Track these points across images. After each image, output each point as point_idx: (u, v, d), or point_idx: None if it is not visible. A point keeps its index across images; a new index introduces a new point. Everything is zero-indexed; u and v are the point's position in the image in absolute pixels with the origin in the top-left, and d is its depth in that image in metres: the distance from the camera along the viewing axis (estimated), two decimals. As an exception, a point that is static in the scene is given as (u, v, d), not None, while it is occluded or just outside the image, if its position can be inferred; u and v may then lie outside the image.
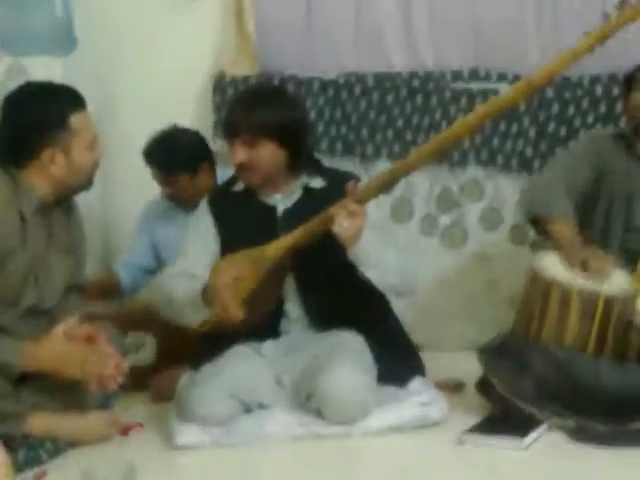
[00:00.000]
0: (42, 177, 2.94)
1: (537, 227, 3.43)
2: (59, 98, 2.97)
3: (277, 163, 3.17)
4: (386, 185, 3.08)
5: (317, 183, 3.25)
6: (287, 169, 3.21)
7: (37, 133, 2.91)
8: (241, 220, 3.23)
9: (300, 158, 3.21)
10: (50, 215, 3.02)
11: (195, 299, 3.04)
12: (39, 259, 2.98)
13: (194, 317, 3.08)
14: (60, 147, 2.93)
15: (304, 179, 3.25)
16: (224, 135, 3.24)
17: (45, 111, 2.92)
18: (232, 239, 3.20)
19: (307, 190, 3.25)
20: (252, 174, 3.17)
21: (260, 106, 3.13)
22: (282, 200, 3.25)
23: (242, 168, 3.18)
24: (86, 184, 3.06)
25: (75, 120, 2.95)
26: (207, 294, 3.00)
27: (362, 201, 2.98)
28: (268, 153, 3.14)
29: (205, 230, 3.26)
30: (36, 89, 3.03)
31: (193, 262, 3.19)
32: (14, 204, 2.91)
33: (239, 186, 3.28)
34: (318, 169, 3.30)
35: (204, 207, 3.32)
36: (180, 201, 3.84)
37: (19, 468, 2.72)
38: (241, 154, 3.14)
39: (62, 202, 3.06)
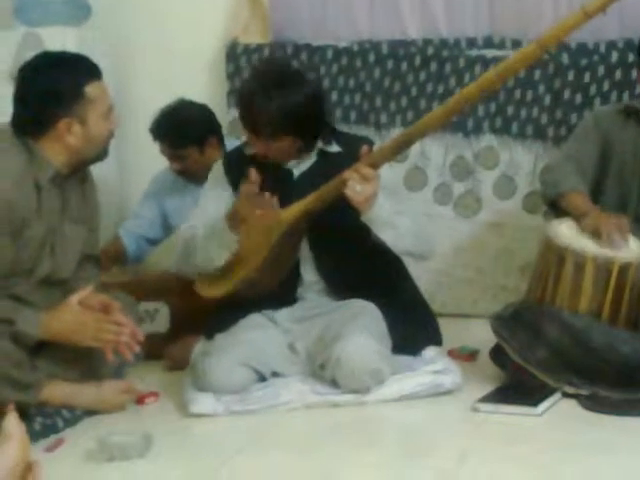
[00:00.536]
0: (58, 147, 2.95)
1: (558, 212, 3.39)
2: (74, 68, 2.97)
3: (294, 149, 3.18)
4: (399, 149, 3.08)
5: (332, 148, 3.26)
6: (304, 148, 3.21)
7: (53, 103, 2.91)
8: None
9: (316, 139, 3.21)
10: (65, 185, 3.03)
11: (217, 230, 3.06)
12: (54, 229, 2.99)
13: (218, 252, 3.09)
14: (76, 117, 2.93)
15: (319, 145, 3.25)
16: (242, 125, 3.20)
17: (61, 81, 2.92)
18: None
19: (322, 154, 3.25)
20: (270, 158, 3.18)
21: (278, 103, 3.06)
22: (297, 165, 3.25)
23: (261, 156, 3.18)
24: (102, 154, 3.06)
25: (90, 90, 2.95)
26: (231, 215, 3.03)
27: (375, 165, 2.98)
28: (287, 144, 3.14)
29: (222, 189, 3.26)
30: (51, 59, 3.03)
31: (211, 216, 3.18)
32: (30, 174, 2.91)
33: (253, 149, 3.28)
34: (333, 135, 3.29)
35: (219, 169, 3.31)
36: (189, 176, 3.84)
37: (36, 436, 2.75)
38: (260, 147, 3.15)
39: (77, 172, 3.07)
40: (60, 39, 4.08)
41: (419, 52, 4.20)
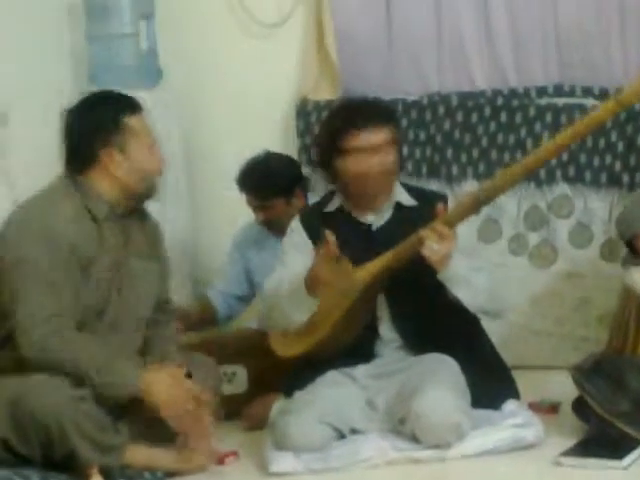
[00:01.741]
0: (107, 180, 3.02)
1: (634, 252, 3.35)
2: (113, 102, 3.08)
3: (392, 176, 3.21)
4: (476, 207, 3.07)
5: (407, 201, 3.27)
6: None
7: (92, 135, 3.01)
8: (338, 238, 3.14)
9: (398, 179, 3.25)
10: (126, 223, 3.09)
11: (298, 292, 3.05)
12: (120, 264, 3.05)
13: (299, 314, 3.09)
14: (116, 146, 3.02)
15: (395, 197, 3.26)
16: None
17: (99, 114, 3.04)
18: None
19: (398, 208, 3.26)
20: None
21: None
22: (375, 219, 3.26)
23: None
24: (151, 190, 3.11)
25: (129, 120, 3.04)
26: (309, 279, 3.02)
27: (451, 223, 2.99)
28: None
29: (303, 243, 3.25)
30: (92, 97, 3.17)
31: (292, 270, 3.17)
32: (84, 209, 3.00)
33: (331, 206, 3.30)
34: (407, 188, 3.32)
35: (297, 225, 3.31)
36: (274, 227, 3.85)
37: (119, 498, 2.78)
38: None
39: (134, 210, 3.12)
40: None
41: (488, 103, 4.20)
